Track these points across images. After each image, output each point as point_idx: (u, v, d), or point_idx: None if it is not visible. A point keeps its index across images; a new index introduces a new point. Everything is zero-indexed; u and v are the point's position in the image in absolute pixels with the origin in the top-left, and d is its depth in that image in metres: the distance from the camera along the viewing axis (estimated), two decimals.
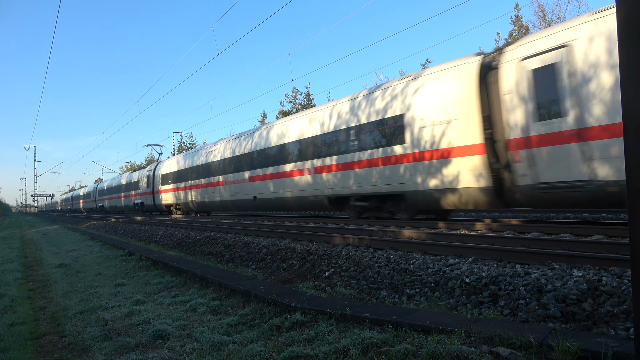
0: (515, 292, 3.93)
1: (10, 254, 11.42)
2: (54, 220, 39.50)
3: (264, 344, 3.32)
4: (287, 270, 6.43)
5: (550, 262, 4.80)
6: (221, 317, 4.22)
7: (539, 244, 6.04)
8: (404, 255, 5.81)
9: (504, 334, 2.72)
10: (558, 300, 3.58)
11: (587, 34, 7.34)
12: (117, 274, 7.39)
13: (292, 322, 3.65)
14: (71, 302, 5.44)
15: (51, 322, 4.67)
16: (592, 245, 5.57)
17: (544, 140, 7.94)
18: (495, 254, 5.37)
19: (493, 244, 6.23)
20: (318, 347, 3.08)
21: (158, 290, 5.79)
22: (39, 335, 4.20)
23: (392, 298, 4.58)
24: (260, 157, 16.63)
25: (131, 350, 3.49)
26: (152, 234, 13.77)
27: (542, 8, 25.32)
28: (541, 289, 3.83)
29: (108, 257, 9.41)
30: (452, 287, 4.42)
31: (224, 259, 8.11)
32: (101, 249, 11.18)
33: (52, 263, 9.24)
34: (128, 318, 4.49)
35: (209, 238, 10.22)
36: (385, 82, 12.13)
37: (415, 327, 3.13)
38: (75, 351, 3.63)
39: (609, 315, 3.27)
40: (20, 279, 7.43)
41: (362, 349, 2.91)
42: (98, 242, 12.77)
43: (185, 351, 3.36)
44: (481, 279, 4.33)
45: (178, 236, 11.82)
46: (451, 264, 5.06)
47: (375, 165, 11.46)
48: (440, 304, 4.12)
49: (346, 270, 5.67)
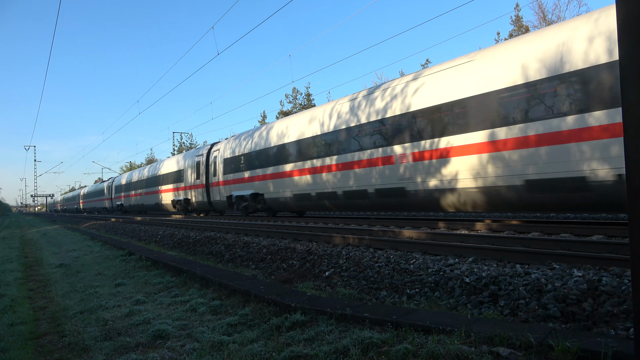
0: (515, 292, 3.93)
1: (10, 254, 11.43)
2: (54, 220, 39.48)
3: (264, 343, 3.32)
4: (287, 270, 6.43)
5: (550, 262, 4.79)
6: (221, 317, 4.23)
7: (539, 244, 6.04)
8: (404, 255, 5.81)
9: (504, 334, 2.72)
10: (558, 300, 3.58)
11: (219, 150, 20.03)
12: (117, 274, 7.39)
13: (292, 322, 3.65)
14: (71, 302, 5.44)
15: (51, 322, 4.67)
16: (592, 245, 5.57)
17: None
18: (495, 254, 5.37)
19: (493, 244, 6.23)
20: (318, 347, 3.08)
21: (158, 290, 5.79)
22: (39, 335, 4.20)
23: (392, 298, 4.58)
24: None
25: (131, 350, 3.49)
26: (152, 234, 13.77)
27: (542, 8, 25.36)
28: (541, 289, 3.83)
29: (108, 257, 9.41)
30: (452, 287, 4.42)
31: (224, 259, 8.11)
32: (101, 249, 11.19)
33: (52, 263, 9.24)
34: (128, 318, 4.49)
35: (209, 238, 10.22)
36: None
37: (415, 327, 3.13)
38: (76, 351, 3.63)
39: (609, 315, 3.27)
40: (20, 278, 7.43)
41: (362, 348, 2.91)
42: (98, 242, 12.77)
43: (185, 351, 3.36)
44: (481, 279, 4.33)
45: (178, 236, 11.82)
46: (451, 264, 5.06)
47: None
48: (440, 304, 4.12)
49: (346, 270, 5.67)
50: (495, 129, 8.89)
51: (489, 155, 9.01)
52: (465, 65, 9.76)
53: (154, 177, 29.12)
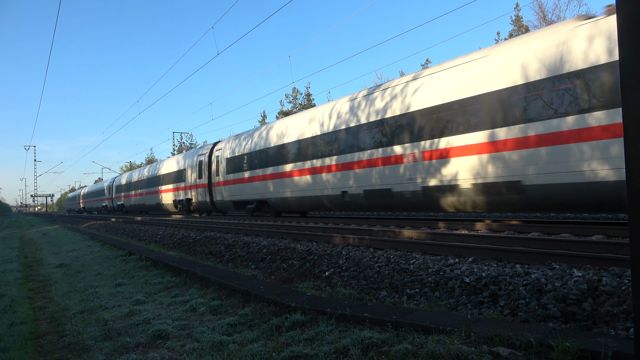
0: (515, 292, 3.93)
1: (10, 254, 11.43)
2: (54, 220, 39.50)
3: (264, 344, 3.32)
4: (287, 270, 6.43)
5: (551, 262, 4.79)
6: (221, 317, 4.23)
7: (539, 244, 6.03)
8: (404, 255, 5.80)
9: (503, 334, 2.72)
10: (558, 300, 3.58)
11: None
12: (117, 273, 7.39)
13: (292, 322, 3.65)
14: (71, 302, 5.44)
15: (51, 322, 4.67)
16: (592, 245, 5.57)
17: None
18: (495, 254, 5.37)
19: (493, 244, 6.23)
20: (318, 347, 3.08)
21: (158, 290, 5.79)
22: (39, 335, 4.20)
23: (392, 298, 4.58)
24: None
25: (131, 350, 3.49)
26: (152, 234, 13.77)
27: (542, 8, 25.35)
28: (541, 289, 3.83)
29: (108, 257, 9.41)
30: (452, 287, 4.42)
31: (224, 258, 8.11)
32: (101, 248, 11.18)
33: (52, 263, 9.24)
34: (128, 318, 4.49)
35: (209, 238, 10.22)
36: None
37: (415, 327, 3.13)
38: (75, 351, 3.63)
39: (609, 315, 3.27)
40: (20, 278, 7.43)
41: (362, 348, 2.91)
42: (98, 242, 12.77)
43: (185, 351, 3.36)
44: (481, 279, 4.33)
45: (178, 236, 11.82)
46: (451, 264, 5.06)
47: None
48: (440, 304, 4.12)
49: (346, 270, 5.67)
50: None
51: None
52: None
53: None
